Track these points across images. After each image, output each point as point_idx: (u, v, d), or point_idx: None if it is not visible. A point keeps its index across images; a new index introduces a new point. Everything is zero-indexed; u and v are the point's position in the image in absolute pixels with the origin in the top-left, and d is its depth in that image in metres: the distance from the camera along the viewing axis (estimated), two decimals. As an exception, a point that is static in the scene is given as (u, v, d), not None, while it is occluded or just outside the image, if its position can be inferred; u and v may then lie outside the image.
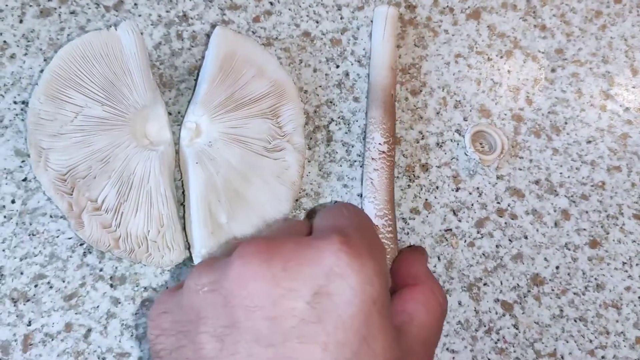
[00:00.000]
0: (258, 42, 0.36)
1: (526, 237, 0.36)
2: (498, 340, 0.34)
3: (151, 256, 0.31)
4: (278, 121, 0.34)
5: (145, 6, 0.36)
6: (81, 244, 0.32)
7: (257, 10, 0.37)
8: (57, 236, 0.32)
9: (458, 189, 0.36)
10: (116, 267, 0.32)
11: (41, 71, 0.34)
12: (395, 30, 0.37)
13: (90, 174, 0.31)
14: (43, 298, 0.31)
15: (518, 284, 0.35)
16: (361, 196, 0.34)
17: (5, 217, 0.32)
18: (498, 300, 0.34)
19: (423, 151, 0.36)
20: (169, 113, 0.34)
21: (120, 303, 0.31)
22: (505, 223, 0.36)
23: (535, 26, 0.39)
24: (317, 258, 0.23)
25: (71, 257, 0.32)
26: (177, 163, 0.34)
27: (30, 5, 0.35)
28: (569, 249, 0.36)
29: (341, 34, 0.38)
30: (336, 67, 0.37)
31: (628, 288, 0.35)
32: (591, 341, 0.34)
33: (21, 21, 0.35)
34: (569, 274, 0.35)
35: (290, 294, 0.23)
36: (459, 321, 0.34)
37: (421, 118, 0.37)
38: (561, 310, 0.35)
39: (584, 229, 0.36)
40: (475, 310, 0.34)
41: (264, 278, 0.23)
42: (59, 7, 0.35)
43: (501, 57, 0.39)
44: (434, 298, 0.27)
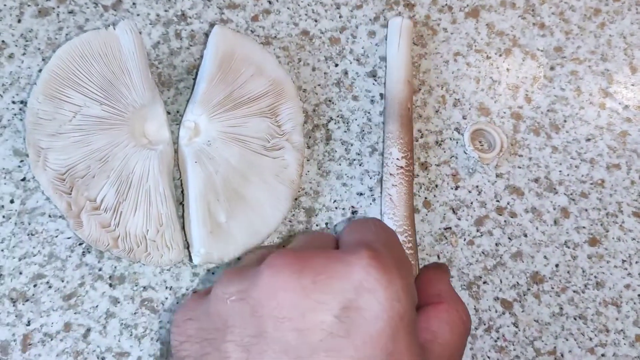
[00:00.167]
0: (257, 41, 0.36)
1: (526, 235, 0.35)
2: (498, 338, 0.34)
3: (150, 255, 0.31)
4: (277, 120, 0.34)
5: (143, 5, 0.36)
6: (80, 244, 0.32)
7: (256, 9, 0.37)
8: (56, 236, 0.32)
9: (457, 188, 0.36)
10: (115, 267, 0.32)
11: (40, 71, 0.34)
12: (410, 42, 0.36)
13: (89, 174, 0.31)
14: (42, 298, 0.31)
15: (518, 282, 0.35)
16: (381, 212, 0.33)
17: (4, 217, 0.32)
18: (498, 298, 0.34)
19: (422, 150, 0.36)
20: (168, 112, 0.34)
21: (119, 302, 0.31)
22: (504, 221, 0.36)
23: (534, 24, 0.39)
24: (347, 272, 0.23)
25: (70, 257, 0.32)
26: (176, 162, 0.34)
27: (28, 4, 0.35)
28: (569, 247, 0.36)
29: (340, 33, 0.38)
30: (335, 66, 0.37)
31: (628, 286, 0.35)
32: (591, 339, 0.34)
33: (19, 21, 0.35)
34: (569, 272, 0.35)
35: (319, 307, 0.23)
36: (459, 319, 0.34)
37: (420, 116, 0.37)
38: (561, 308, 0.34)
39: (584, 227, 0.36)
40: (475, 308, 0.34)
41: (294, 289, 0.23)
42: (57, 7, 0.35)
43: (500, 55, 0.39)
44: (458, 317, 0.27)
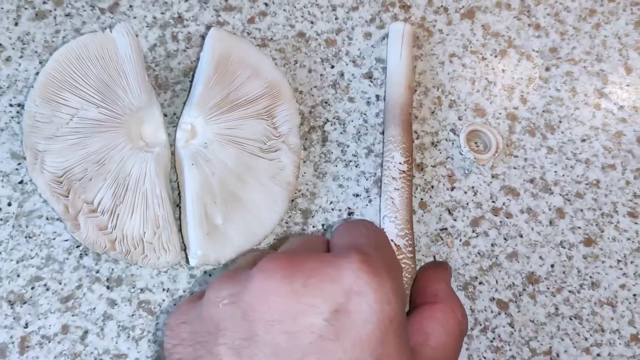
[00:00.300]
0: (253, 43, 0.37)
1: (521, 236, 0.36)
2: (494, 339, 0.34)
3: (147, 258, 0.31)
4: (273, 122, 0.34)
5: (140, 8, 0.36)
6: (77, 246, 0.32)
7: (252, 11, 0.37)
8: (54, 238, 0.32)
9: (453, 188, 0.36)
10: (112, 269, 0.32)
11: (37, 74, 0.34)
12: (411, 47, 0.36)
13: (86, 176, 0.31)
14: (40, 300, 0.31)
15: (513, 283, 0.35)
16: (380, 215, 0.33)
17: (1, 220, 0.32)
18: (493, 299, 0.35)
19: (418, 151, 0.36)
20: (165, 115, 0.35)
21: (116, 305, 0.32)
22: (500, 222, 0.36)
23: (529, 25, 0.39)
24: (337, 276, 0.24)
25: (67, 259, 0.32)
26: (173, 164, 0.34)
27: (25, 8, 0.35)
28: (564, 247, 0.36)
29: (336, 35, 0.38)
30: (331, 68, 0.37)
31: (623, 286, 0.35)
32: (586, 339, 0.34)
33: (16, 24, 0.35)
34: (564, 272, 0.35)
35: (309, 310, 0.23)
36: (455, 320, 0.34)
37: (416, 118, 0.37)
38: (556, 308, 0.35)
39: (579, 227, 0.36)
40: (470, 309, 0.34)
41: (285, 294, 0.23)
42: (55, 10, 0.35)
43: (495, 57, 0.39)
44: (453, 317, 0.27)
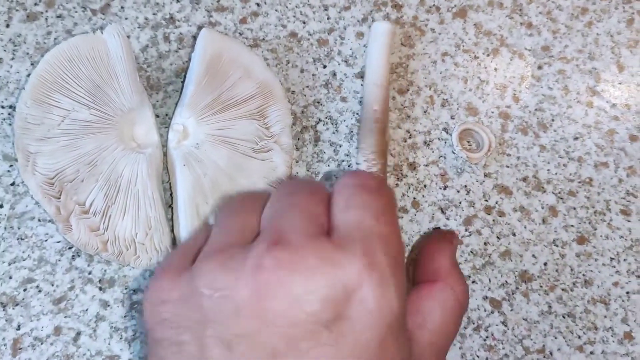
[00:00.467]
0: (245, 44, 0.37)
1: (514, 234, 0.36)
2: (487, 337, 0.34)
3: (139, 259, 0.31)
4: (265, 122, 0.34)
5: (132, 9, 0.36)
6: (70, 248, 0.32)
7: (244, 11, 0.37)
8: (46, 240, 0.32)
9: (446, 187, 0.36)
10: (105, 270, 0.32)
11: (28, 75, 0.34)
12: (389, 46, 0.36)
13: (77, 178, 0.31)
14: (32, 302, 0.31)
15: (506, 281, 0.35)
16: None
17: (-7, 222, 0.32)
18: (487, 297, 0.35)
19: (411, 150, 0.36)
20: (157, 115, 0.35)
21: (109, 306, 0.32)
22: (493, 220, 0.36)
23: (521, 24, 0.39)
24: (339, 279, 0.23)
25: (60, 261, 0.32)
26: (165, 165, 0.34)
27: (16, 9, 0.35)
28: (557, 246, 0.36)
29: (328, 34, 0.38)
30: (323, 68, 0.37)
31: (616, 283, 0.35)
32: (580, 337, 0.34)
33: (8, 25, 0.35)
34: (557, 271, 0.35)
35: (308, 315, 0.22)
36: (448, 319, 0.34)
37: (408, 117, 0.37)
38: (549, 306, 0.35)
39: (572, 226, 0.36)
40: (464, 307, 0.34)
41: (284, 296, 0.22)
42: (46, 11, 0.35)
43: (488, 55, 0.39)
44: (453, 297, 0.27)
